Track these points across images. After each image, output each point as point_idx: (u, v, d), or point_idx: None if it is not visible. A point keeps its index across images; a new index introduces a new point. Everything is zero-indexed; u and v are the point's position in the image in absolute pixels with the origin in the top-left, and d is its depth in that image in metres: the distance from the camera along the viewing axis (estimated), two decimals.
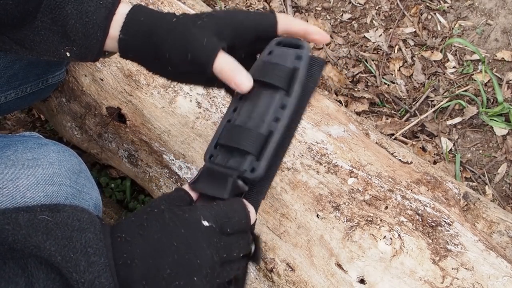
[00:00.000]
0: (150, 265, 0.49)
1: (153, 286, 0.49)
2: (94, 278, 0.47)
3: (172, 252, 0.50)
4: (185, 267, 0.50)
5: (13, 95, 0.91)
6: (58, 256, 0.46)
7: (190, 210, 0.53)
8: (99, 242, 0.49)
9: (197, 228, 0.51)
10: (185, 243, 0.50)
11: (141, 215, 0.53)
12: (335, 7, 1.67)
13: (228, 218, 0.53)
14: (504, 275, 0.74)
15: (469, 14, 1.57)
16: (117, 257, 0.49)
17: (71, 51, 0.63)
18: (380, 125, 1.46)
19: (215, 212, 0.53)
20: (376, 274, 0.75)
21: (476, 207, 0.99)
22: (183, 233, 0.51)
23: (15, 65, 0.86)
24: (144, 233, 0.51)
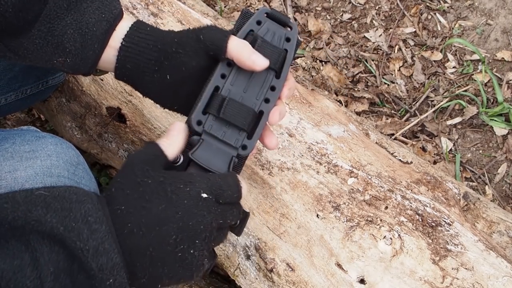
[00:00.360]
0: (156, 233, 0.52)
1: (160, 251, 0.52)
2: (98, 244, 0.48)
3: (177, 219, 0.53)
4: (189, 232, 0.54)
5: (13, 97, 0.91)
6: (60, 227, 0.48)
7: (191, 183, 0.56)
8: (98, 212, 0.51)
9: (197, 199, 0.55)
10: (189, 212, 0.54)
11: (134, 186, 0.55)
12: (335, 7, 1.67)
13: (222, 191, 0.57)
14: (504, 275, 0.74)
15: (469, 14, 1.57)
16: (119, 227, 0.51)
17: (65, 62, 0.64)
18: (380, 125, 1.46)
19: (211, 184, 0.57)
20: (376, 274, 0.75)
21: (476, 207, 0.99)
22: (186, 203, 0.54)
23: (15, 67, 0.86)
24: (147, 205, 0.54)
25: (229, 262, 0.87)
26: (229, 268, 0.87)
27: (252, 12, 0.67)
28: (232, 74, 0.63)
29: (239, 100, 0.62)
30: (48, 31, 0.61)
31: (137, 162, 0.57)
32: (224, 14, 1.68)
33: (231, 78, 0.63)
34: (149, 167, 0.56)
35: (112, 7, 0.64)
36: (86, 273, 0.48)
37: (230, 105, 0.62)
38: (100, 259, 0.48)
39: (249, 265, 0.84)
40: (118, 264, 0.49)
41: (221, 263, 0.89)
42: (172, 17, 1.07)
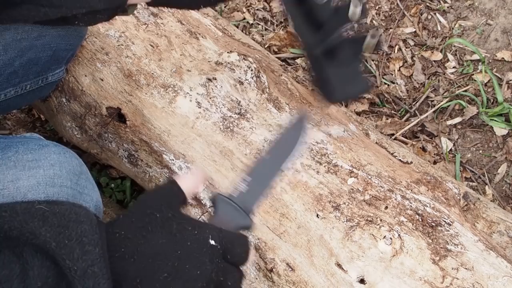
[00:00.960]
0: (147, 265, 0.50)
1: (147, 285, 0.50)
2: (87, 267, 0.47)
3: (174, 258, 0.51)
4: (183, 275, 0.51)
5: (12, 93, 0.91)
6: (52, 242, 0.46)
7: (200, 228, 0.54)
8: (95, 234, 0.49)
9: (203, 244, 0.53)
10: (189, 254, 0.51)
11: (141, 217, 0.53)
12: None
13: (232, 246, 0.55)
14: (504, 275, 0.74)
15: (469, 14, 1.57)
16: (112, 249, 0.50)
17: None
18: (380, 125, 1.46)
19: (223, 235, 0.55)
20: (376, 274, 0.75)
21: (476, 207, 0.99)
22: (189, 246, 0.52)
23: (15, 62, 0.86)
24: (147, 235, 0.52)
25: None
26: None
27: None
28: None
29: None
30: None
31: (155, 196, 0.57)
32: (224, 14, 1.68)
33: None
34: (165, 203, 0.55)
35: None
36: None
37: None
38: (87, 282, 0.46)
39: (249, 265, 0.84)
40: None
41: None
42: (172, 17, 1.07)
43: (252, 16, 1.69)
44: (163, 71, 0.98)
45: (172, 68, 0.99)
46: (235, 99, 0.94)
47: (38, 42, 0.88)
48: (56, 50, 0.92)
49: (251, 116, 0.92)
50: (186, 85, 0.96)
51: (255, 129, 0.90)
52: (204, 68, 0.98)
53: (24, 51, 0.86)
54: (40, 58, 0.90)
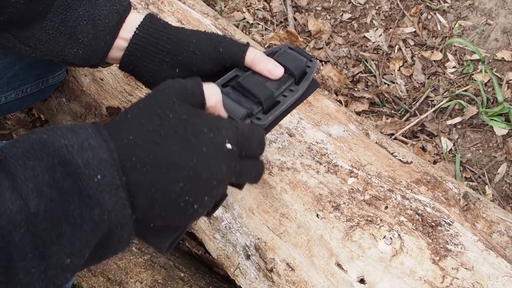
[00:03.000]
0: (162, 175, 0.47)
1: (162, 195, 0.47)
2: (82, 141, 0.44)
3: (190, 167, 0.47)
4: (200, 185, 0.48)
5: (13, 96, 0.91)
6: (43, 135, 0.44)
7: (217, 129, 0.50)
8: (89, 127, 0.46)
9: (220, 148, 0.49)
10: (206, 162, 0.48)
11: (152, 117, 0.48)
12: (335, 7, 1.67)
13: (248, 143, 0.53)
14: (504, 275, 0.74)
15: (469, 14, 1.57)
16: (123, 158, 0.46)
17: (77, 53, 0.65)
18: (380, 125, 1.46)
19: (240, 133, 0.52)
20: (376, 274, 0.75)
21: (476, 207, 0.99)
22: (205, 152, 0.48)
23: (15, 66, 0.86)
24: (160, 141, 0.47)
25: (229, 262, 0.87)
26: (229, 268, 0.87)
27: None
28: (249, 72, 0.66)
29: (261, 81, 0.65)
30: (61, 21, 0.62)
31: (168, 90, 0.51)
32: (224, 14, 1.68)
33: (253, 72, 0.66)
34: (178, 100, 0.50)
35: (122, 0, 0.65)
36: (72, 177, 0.43)
37: (249, 78, 0.64)
38: (85, 154, 0.43)
39: (249, 265, 0.84)
40: (105, 161, 0.44)
41: (221, 263, 0.89)
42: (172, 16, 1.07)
43: (252, 16, 1.69)
44: None
45: None
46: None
47: None
48: None
49: None
50: None
51: None
52: None
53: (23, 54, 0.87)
54: (40, 61, 0.90)
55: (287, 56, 0.67)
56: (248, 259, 0.84)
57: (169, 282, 1.09)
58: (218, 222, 0.87)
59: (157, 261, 1.13)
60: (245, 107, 0.61)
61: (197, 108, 0.52)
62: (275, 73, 0.64)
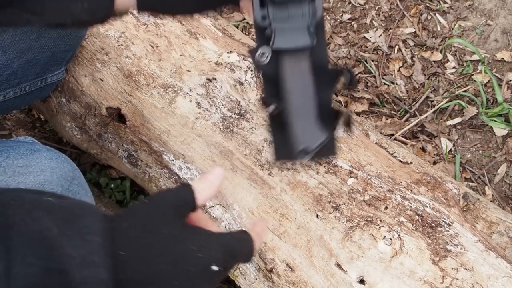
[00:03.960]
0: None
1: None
2: (86, 254, 0.43)
3: (174, 286, 0.49)
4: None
5: (12, 94, 0.91)
6: (54, 228, 0.44)
7: (204, 248, 0.50)
8: (99, 223, 0.46)
9: (205, 270, 0.50)
10: (190, 282, 0.49)
11: (146, 231, 0.49)
12: (335, 7, 1.67)
13: (234, 260, 0.53)
14: (504, 276, 0.74)
15: (469, 14, 1.57)
16: (114, 272, 0.46)
17: (82, 7, 0.62)
18: (380, 126, 1.46)
19: (226, 251, 0.52)
20: (375, 275, 0.75)
21: (476, 207, 0.99)
22: (191, 271, 0.49)
23: (14, 63, 0.86)
24: (150, 259, 0.48)
25: None
26: None
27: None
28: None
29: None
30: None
31: (165, 203, 0.52)
32: (224, 15, 1.68)
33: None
34: (173, 213, 0.51)
35: None
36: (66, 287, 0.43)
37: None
38: (85, 271, 0.43)
39: (249, 266, 0.84)
40: (103, 282, 0.44)
41: None
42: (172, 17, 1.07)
43: None
44: (163, 72, 0.98)
45: (172, 68, 0.99)
46: (235, 100, 0.94)
47: (36, 44, 0.88)
48: (55, 51, 0.92)
49: (251, 117, 0.92)
50: (186, 86, 0.96)
51: (255, 129, 0.90)
52: (204, 68, 0.98)
53: (22, 52, 0.86)
54: (39, 59, 0.90)
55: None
56: None
57: None
58: (218, 222, 0.87)
59: None
60: (299, 17, 0.62)
61: (185, 221, 0.53)
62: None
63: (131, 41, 1.03)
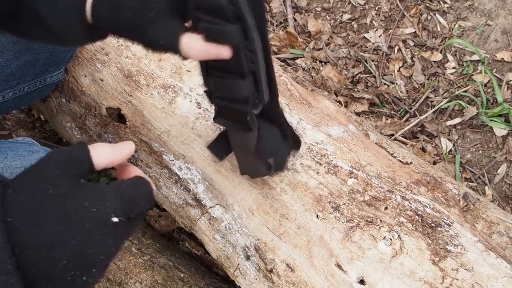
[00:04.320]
0: (43, 255, 0.46)
1: (45, 272, 0.46)
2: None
3: (73, 245, 0.46)
4: (86, 260, 0.47)
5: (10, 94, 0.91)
6: None
7: (99, 201, 0.48)
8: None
9: (105, 223, 0.48)
10: (90, 238, 0.47)
11: (32, 194, 0.47)
12: (335, 7, 1.67)
13: (136, 206, 0.51)
14: (504, 276, 0.74)
15: (469, 14, 1.57)
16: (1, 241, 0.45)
17: (56, 41, 0.61)
18: (380, 126, 1.46)
19: (125, 200, 0.50)
20: (376, 275, 0.75)
21: (476, 207, 0.99)
22: (88, 228, 0.47)
23: (12, 64, 0.86)
24: (40, 221, 0.46)
25: (228, 262, 0.87)
26: (229, 269, 0.87)
27: None
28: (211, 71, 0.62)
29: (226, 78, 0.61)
30: (32, 12, 0.58)
31: (53, 162, 0.49)
32: None
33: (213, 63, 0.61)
34: (62, 172, 0.49)
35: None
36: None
37: (222, 85, 0.62)
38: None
39: (249, 266, 0.84)
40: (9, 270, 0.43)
41: (220, 264, 0.89)
42: None
43: None
44: (163, 72, 0.98)
45: (172, 68, 0.99)
46: None
47: (35, 44, 0.88)
48: (53, 52, 0.92)
49: None
50: (186, 86, 0.96)
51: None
52: None
53: (21, 53, 0.86)
54: (38, 60, 0.90)
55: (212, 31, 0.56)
56: (248, 259, 0.84)
57: (169, 283, 1.09)
58: (218, 222, 0.87)
59: (157, 262, 1.13)
60: (240, 105, 0.63)
61: (80, 179, 0.50)
62: (224, 56, 0.56)
63: None
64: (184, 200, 0.92)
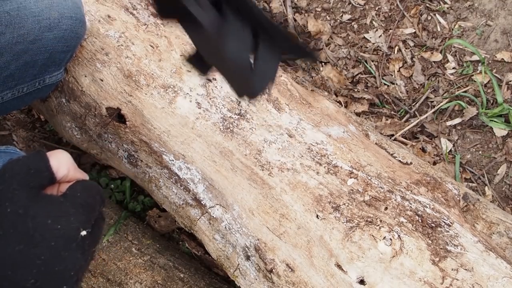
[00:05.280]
0: (8, 276, 0.44)
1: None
2: None
3: (39, 264, 0.44)
4: (54, 277, 0.45)
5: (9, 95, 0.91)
6: None
7: (62, 217, 0.46)
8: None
9: (72, 239, 0.45)
10: (57, 255, 0.45)
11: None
12: (335, 7, 1.67)
13: (94, 211, 0.49)
14: (504, 276, 0.74)
15: (469, 15, 1.57)
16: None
17: None
18: (379, 126, 1.46)
19: (87, 209, 0.47)
20: (375, 275, 0.75)
21: (476, 208, 0.99)
22: (54, 246, 0.45)
23: (11, 65, 0.86)
24: (1, 242, 0.44)
25: (228, 262, 0.87)
26: (229, 269, 0.87)
27: None
28: None
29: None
30: None
31: (9, 175, 0.46)
32: None
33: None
34: (19, 185, 0.45)
35: None
36: None
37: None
38: None
39: (249, 266, 0.84)
40: None
41: (220, 264, 0.89)
42: None
43: None
44: (163, 72, 0.98)
45: (172, 68, 0.99)
46: (235, 100, 0.94)
47: (33, 46, 0.88)
48: (52, 53, 0.92)
49: (251, 117, 0.92)
50: (186, 86, 0.96)
51: (255, 129, 0.90)
52: None
53: (19, 54, 0.86)
54: (36, 61, 0.90)
55: None
56: (248, 259, 0.84)
57: (169, 283, 1.09)
58: (218, 223, 0.87)
59: (156, 262, 1.13)
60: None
61: (39, 191, 0.47)
62: None
63: (131, 41, 1.02)
64: (184, 200, 0.92)
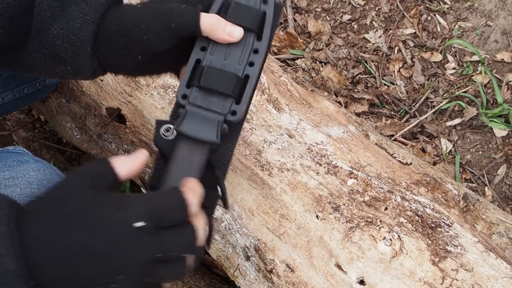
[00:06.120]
0: (69, 266, 0.47)
1: (74, 282, 0.47)
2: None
3: (98, 252, 0.47)
4: (111, 267, 0.47)
5: (10, 96, 0.91)
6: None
7: (123, 209, 0.49)
8: (4, 217, 0.45)
9: (127, 230, 0.48)
10: (114, 244, 0.47)
11: (57, 205, 0.49)
12: (335, 8, 1.67)
13: (164, 213, 0.50)
14: (504, 276, 0.74)
15: (469, 15, 1.57)
16: (27, 256, 0.46)
17: (66, 70, 0.62)
18: (379, 126, 1.46)
19: (151, 207, 0.50)
20: (375, 275, 0.75)
21: (476, 208, 0.99)
22: (112, 233, 0.48)
23: None
24: (64, 230, 0.47)
25: (228, 262, 0.87)
26: (229, 269, 0.87)
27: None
28: (211, 45, 0.61)
29: (221, 67, 0.61)
30: (40, 44, 0.60)
31: (78, 177, 0.51)
32: None
33: (211, 48, 0.61)
34: (87, 185, 0.50)
35: (98, 5, 0.60)
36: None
37: (209, 72, 0.60)
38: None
39: (249, 266, 0.84)
40: (11, 271, 0.43)
41: (220, 264, 0.89)
42: None
43: None
44: None
45: None
46: None
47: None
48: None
49: (250, 117, 0.92)
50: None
51: (254, 130, 0.90)
52: None
53: None
54: None
55: (240, 11, 0.61)
56: (248, 260, 0.84)
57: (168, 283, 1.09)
58: (218, 223, 0.87)
59: None
60: (216, 111, 0.60)
61: (107, 190, 0.52)
62: (235, 36, 0.60)
63: None
64: None
